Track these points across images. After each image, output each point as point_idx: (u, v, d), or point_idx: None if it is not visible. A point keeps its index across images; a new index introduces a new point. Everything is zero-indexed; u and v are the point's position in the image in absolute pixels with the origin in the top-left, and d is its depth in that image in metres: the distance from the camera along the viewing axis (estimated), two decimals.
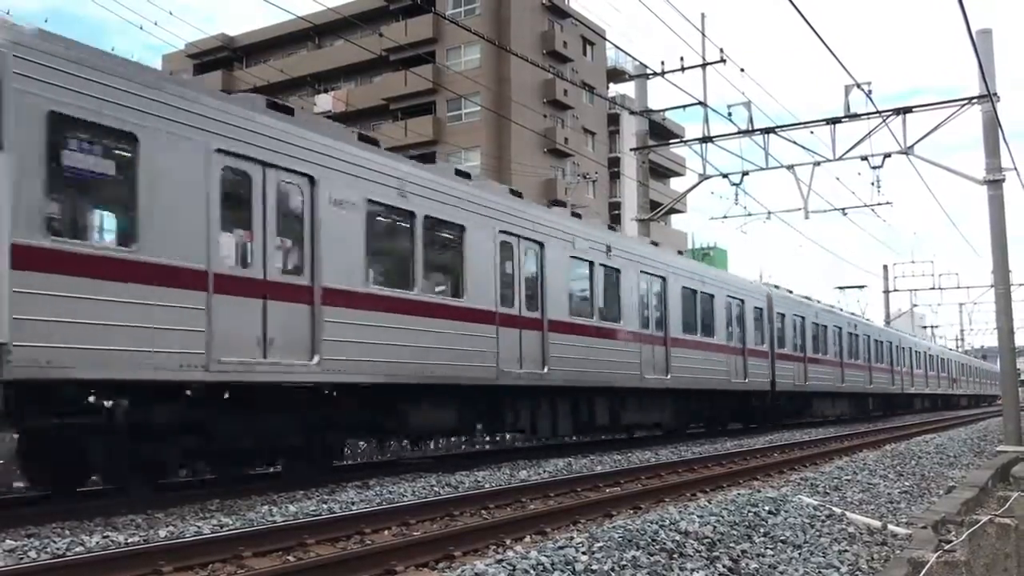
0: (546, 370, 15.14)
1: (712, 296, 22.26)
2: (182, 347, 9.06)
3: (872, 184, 24.29)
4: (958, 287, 58.46)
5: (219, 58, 58.34)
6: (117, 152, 8.92)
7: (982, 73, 19.61)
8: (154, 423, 9.29)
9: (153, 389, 9.22)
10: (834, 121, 22.80)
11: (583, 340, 16.35)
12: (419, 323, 12.40)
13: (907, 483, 12.75)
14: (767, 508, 8.77)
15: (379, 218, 12.19)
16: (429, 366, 12.52)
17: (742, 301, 24.22)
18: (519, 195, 16.03)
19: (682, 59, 22.84)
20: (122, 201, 9.03)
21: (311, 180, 10.82)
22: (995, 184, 20.25)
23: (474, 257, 13.70)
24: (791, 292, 30.79)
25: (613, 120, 61.06)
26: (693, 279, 21.28)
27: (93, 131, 8.60)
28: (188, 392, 9.80)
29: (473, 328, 13.55)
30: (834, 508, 9.45)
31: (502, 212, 14.45)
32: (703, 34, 22.45)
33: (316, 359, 10.62)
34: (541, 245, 15.37)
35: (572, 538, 6.91)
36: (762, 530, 7.97)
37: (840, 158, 23.30)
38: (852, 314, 38.04)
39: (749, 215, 26.51)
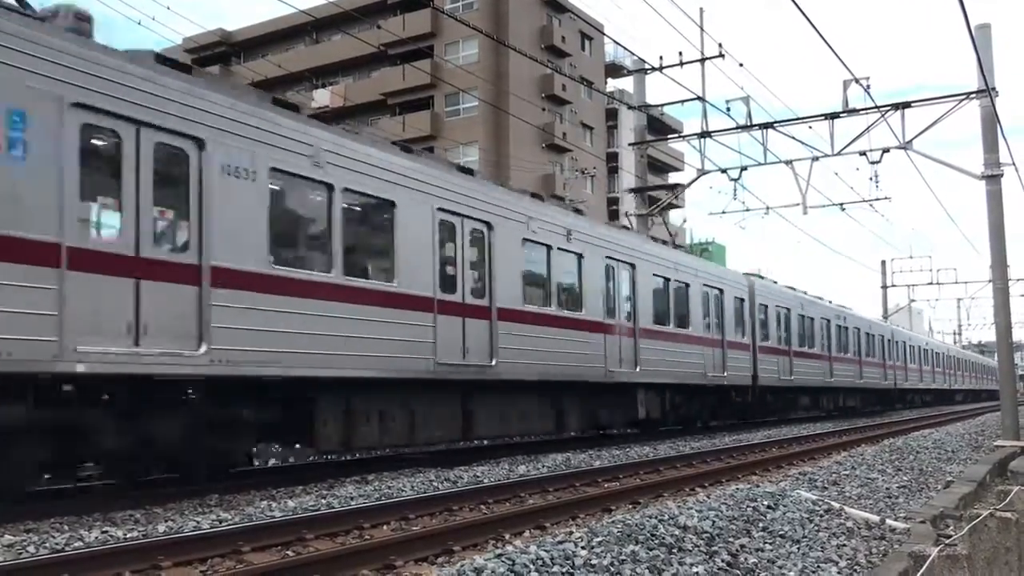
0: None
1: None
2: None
3: (870, 179, 24.44)
4: (956, 282, 58.65)
5: (217, 53, 58.22)
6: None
7: (981, 68, 19.62)
8: None
9: None
10: (833, 116, 22.81)
11: None
12: None
13: (905, 478, 12.75)
14: (766, 503, 8.78)
15: None
16: None
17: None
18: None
19: (680, 54, 22.89)
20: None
21: None
22: (993, 179, 20.27)
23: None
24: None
25: (611, 115, 61.03)
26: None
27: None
28: None
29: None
30: (833, 503, 9.45)
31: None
32: (702, 29, 22.52)
33: None
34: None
35: (571, 533, 6.91)
36: (761, 525, 7.98)
37: (839, 153, 23.34)
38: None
39: (747, 210, 26.58)
